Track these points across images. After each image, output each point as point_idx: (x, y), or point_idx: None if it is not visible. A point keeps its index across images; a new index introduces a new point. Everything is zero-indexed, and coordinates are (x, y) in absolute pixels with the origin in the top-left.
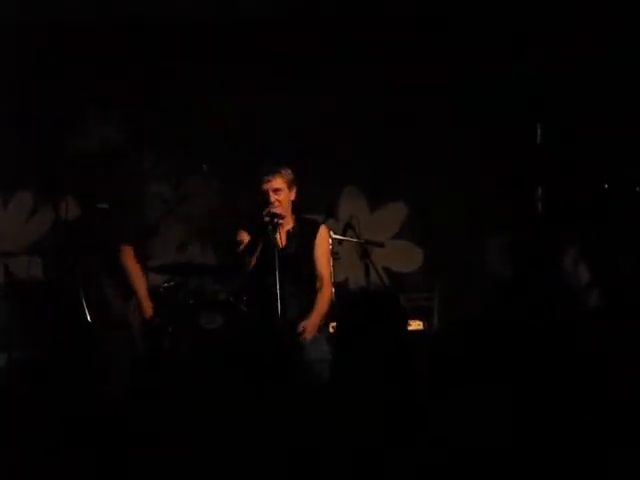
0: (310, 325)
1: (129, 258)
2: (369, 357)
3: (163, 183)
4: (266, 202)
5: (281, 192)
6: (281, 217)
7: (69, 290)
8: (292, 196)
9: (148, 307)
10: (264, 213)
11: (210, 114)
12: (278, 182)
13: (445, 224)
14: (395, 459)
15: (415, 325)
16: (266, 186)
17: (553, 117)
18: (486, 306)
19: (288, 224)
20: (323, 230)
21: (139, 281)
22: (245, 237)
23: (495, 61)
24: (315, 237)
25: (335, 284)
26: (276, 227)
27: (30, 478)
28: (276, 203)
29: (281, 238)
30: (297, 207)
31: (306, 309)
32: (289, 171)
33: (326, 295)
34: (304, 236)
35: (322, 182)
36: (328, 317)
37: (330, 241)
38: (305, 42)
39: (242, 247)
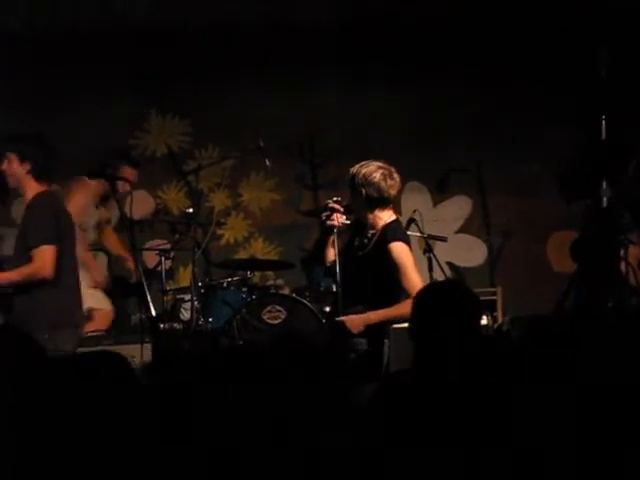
0: (352, 319)
1: None
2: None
3: None
4: None
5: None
6: (338, 212)
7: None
8: (361, 199)
9: None
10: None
11: (275, 113)
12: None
13: (509, 219)
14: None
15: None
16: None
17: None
18: (549, 302)
19: (371, 228)
20: (394, 247)
21: None
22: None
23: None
24: (385, 250)
25: None
26: (325, 220)
27: None
28: (333, 199)
29: (358, 239)
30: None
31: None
32: (354, 173)
33: (406, 304)
34: (377, 245)
35: None
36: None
37: (408, 253)
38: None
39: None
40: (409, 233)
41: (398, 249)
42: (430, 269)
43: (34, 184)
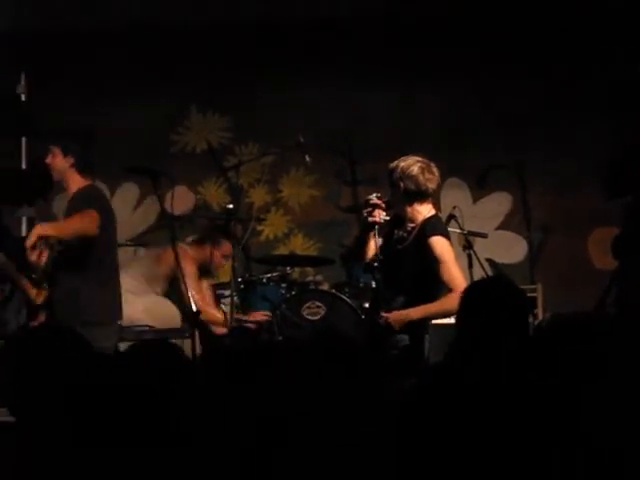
0: (394, 315)
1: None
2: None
3: None
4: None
5: (390, 187)
6: (379, 208)
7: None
8: (400, 192)
9: None
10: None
11: (315, 110)
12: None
13: (549, 215)
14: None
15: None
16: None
17: None
18: (590, 299)
19: (410, 222)
20: (434, 241)
21: None
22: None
23: None
24: (425, 245)
25: None
26: (366, 217)
27: None
28: (374, 195)
29: (397, 233)
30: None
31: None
32: (393, 167)
33: (447, 300)
34: (417, 239)
35: None
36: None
37: (449, 248)
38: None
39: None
40: (449, 229)
41: (439, 243)
42: (470, 266)
43: (78, 178)
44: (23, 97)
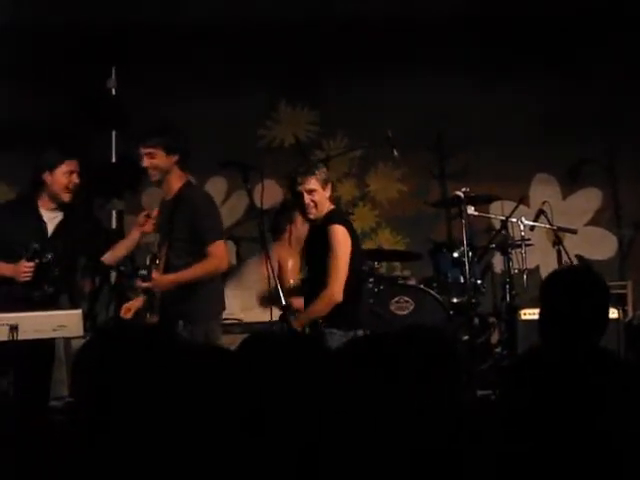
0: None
1: None
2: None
3: None
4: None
5: (315, 193)
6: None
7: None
8: (327, 193)
9: None
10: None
11: (403, 104)
12: (312, 183)
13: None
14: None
15: (609, 313)
16: (300, 188)
17: None
18: None
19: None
20: (331, 230)
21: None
22: None
23: None
24: (326, 235)
25: (527, 271)
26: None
27: None
28: (311, 204)
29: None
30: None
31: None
32: (323, 170)
33: (320, 301)
34: (320, 234)
35: (514, 169)
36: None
37: (340, 241)
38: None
39: None
40: (538, 224)
41: (336, 233)
42: (559, 261)
43: (180, 173)
44: (113, 91)
